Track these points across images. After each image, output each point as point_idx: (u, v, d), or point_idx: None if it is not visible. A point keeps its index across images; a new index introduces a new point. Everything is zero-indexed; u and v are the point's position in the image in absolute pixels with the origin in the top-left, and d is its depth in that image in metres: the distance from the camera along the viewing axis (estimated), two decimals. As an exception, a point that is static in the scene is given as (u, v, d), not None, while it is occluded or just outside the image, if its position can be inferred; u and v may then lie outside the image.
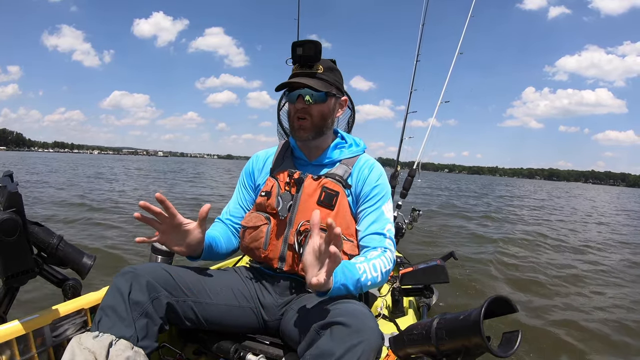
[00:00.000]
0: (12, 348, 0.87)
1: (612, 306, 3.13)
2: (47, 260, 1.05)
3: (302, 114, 1.07)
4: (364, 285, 0.91)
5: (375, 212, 1.07)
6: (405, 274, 1.53)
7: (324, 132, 1.12)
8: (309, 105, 1.06)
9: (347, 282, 0.86)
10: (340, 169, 1.11)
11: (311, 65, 1.07)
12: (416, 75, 2.94)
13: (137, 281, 0.89)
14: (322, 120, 1.09)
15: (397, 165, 2.80)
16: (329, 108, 1.10)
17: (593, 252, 5.48)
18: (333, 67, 1.11)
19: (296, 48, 1.05)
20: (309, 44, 1.04)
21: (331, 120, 1.13)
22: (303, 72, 1.07)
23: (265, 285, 1.10)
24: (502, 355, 0.66)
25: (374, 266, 0.94)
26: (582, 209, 14.30)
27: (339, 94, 1.12)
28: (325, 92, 1.07)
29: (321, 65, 1.07)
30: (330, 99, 1.10)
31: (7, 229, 0.81)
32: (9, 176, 0.93)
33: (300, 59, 1.06)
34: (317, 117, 1.08)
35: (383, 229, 1.05)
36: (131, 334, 0.83)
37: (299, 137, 1.10)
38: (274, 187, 1.09)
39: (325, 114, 1.09)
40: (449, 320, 0.73)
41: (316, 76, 1.06)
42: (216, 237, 1.10)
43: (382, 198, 1.09)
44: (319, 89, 1.04)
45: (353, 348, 0.72)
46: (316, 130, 1.09)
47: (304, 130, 1.08)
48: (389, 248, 1.03)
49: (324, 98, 1.07)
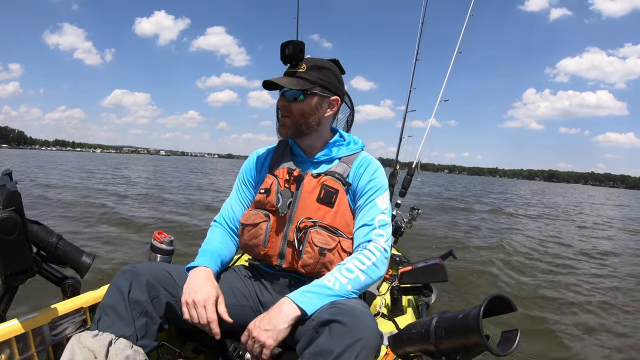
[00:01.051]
0: (11, 347, 0.87)
1: (612, 305, 3.14)
2: (47, 259, 1.05)
3: (284, 111, 1.09)
4: (345, 291, 0.91)
5: (367, 206, 1.06)
6: (404, 273, 1.53)
7: (305, 131, 1.09)
8: (289, 103, 1.07)
9: (320, 302, 0.87)
10: (340, 167, 1.11)
11: (295, 64, 1.07)
12: (415, 74, 2.94)
13: (136, 280, 0.89)
14: (302, 119, 1.07)
15: (396, 164, 2.80)
16: (310, 107, 1.07)
17: (593, 253, 5.49)
18: (320, 65, 1.09)
19: (284, 48, 1.06)
20: (291, 44, 1.05)
21: (316, 119, 1.09)
22: (287, 72, 1.08)
23: (264, 283, 1.10)
24: (501, 354, 0.66)
25: (348, 269, 0.94)
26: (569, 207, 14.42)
27: (325, 93, 1.09)
28: (302, 91, 1.05)
29: (304, 64, 1.07)
30: (312, 98, 1.07)
31: (6, 228, 0.81)
32: (8, 175, 0.93)
33: (285, 58, 1.07)
34: (297, 115, 1.07)
35: (372, 220, 1.03)
36: (131, 332, 0.83)
37: (280, 133, 1.12)
38: (274, 184, 1.09)
39: (305, 112, 1.07)
40: (448, 319, 0.73)
41: (295, 75, 1.06)
42: (220, 252, 1.09)
43: (377, 191, 1.08)
44: (292, 87, 1.04)
45: (351, 346, 0.72)
46: (295, 128, 1.08)
47: (284, 127, 1.09)
48: (373, 239, 1.01)
49: (299, 96, 1.06)
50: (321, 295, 0.88)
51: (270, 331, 0.83)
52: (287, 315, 0.84)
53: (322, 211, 1.05)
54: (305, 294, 0.88)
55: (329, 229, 1.04)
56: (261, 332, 0.84)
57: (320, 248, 1.01)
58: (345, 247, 1.04)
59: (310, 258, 1.01)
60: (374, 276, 0.97)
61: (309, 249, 1.01)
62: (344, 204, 1.07)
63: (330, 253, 1.02)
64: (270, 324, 0.84)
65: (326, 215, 1.05)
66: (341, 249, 1.03)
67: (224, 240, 1.14)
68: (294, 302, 0.86)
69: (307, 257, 1.02)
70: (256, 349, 0.85)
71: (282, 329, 0.84)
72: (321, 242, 1.01)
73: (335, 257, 1.02)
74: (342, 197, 1.07)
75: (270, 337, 0.83)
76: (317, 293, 0.88)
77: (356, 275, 0.93)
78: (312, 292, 0.88)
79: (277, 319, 0.84)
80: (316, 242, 1.01)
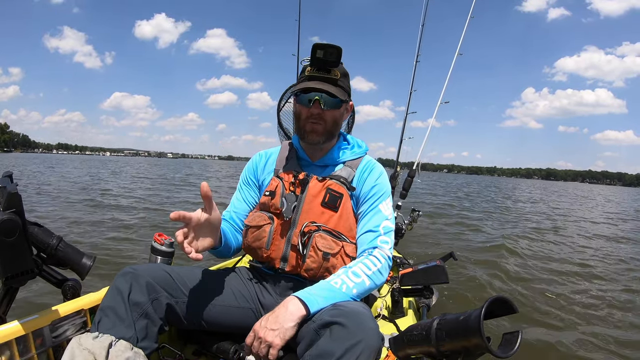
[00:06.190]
0: (11, 349, 0.86)
1: (613, 305, 3.13)
2: (47, 260, 1.05)
3: (316, 118, 1.07)
4: (350, 294, 0.91)
5: (372, 212, 1.07)
6: (405, 275, 1.52)
7: (334, 136, 1.13)
8: (323, 110, 1.06)
9: (326, 302, 0.86)
10: (345, 171, 1.11)
11: (329, 70, 1.06)
12: (416, 76, 2.95)
13: (137, 282, 0.89)
14: (334, 126, 1.10)
15: (397, 165, 2.80)
16: (341, 114, 1.11)
17: (594, 252, 5.48)
18: (346, 73, 1.11)
19: (317, 50, 1.02)
20: (331, 48, 1.01)
21: (341, 125, 1.14)
22: (321, 77, 1.06)
23: (266, 285, 1.10)
24: (502, 356, 0.65)
25: (354, 273, 0.94)
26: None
27: (349, 99, 1.13)
28: (340, 99, 1.07)
29: (338, 71, 1.07)
30: (343, 105, 1.11)
31: (6, 230, 0.81)
32: (9, 177, 0.93)
33: (319, 62, 1.04)
34: (330, 122, 1.08)
35: (378, 226, 1.04)
36: (131, 334, 0.83)
37: (310, 140, 1.09)
38: (279, 187, 1.09)
39: (337, 119, 1.10)
40: (449, 320, 0.73)
41: (337, 83, 1.06)
42: (223, 229, 1.05)
43: (381, 197, 1.09)
44: (338, 96, 1.04)
45: (352, 348, 0.72)
46: (328, 135, 1.10)
47: (317, 134, 1.08)
48: (378, 246, 1.02)
49: (339, 104, 1.08)
50: (327, 297, 0.87)
51: (277, 330, 0.82)
52: (294, 314, 0.83)
53: (327, 215, 1.05)
54: (312, 294, 0.87)
55: (332, 233, 1.04)
56: (268, 332, 0.82)
57: (324, 253, 1.01)
58: (348, 252, 1.04)
59: (314, 262, 1.01)
60: (377, 282, 0.97)
61: (312, 254, 1.01)
62: (348, 208, 1.07)
63: (334, 258, 1.02)
64: (277, 323, 0.82)
65: (330, 219, 1.05)
66: (344, 253, 1.03)
67: (228, 228, 1.12)
68: (300, 301, 0.85)
69: (311, 261, 1.01)
70: (262, 350, 0.82)
71: (289, 328, 0.82)
72: (325, 246, 1.01)
73: (339, 261, 1.02)
74: (346, 202, 1.07)
75: (277, 337, 0.81)
76: (323, 294, 0.88)
77: (362, 280, 0.93)
78: (319, 292, 0.88)
79: (284, 317, 0.83)
80: (320, 247, 1.01)
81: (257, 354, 0.84)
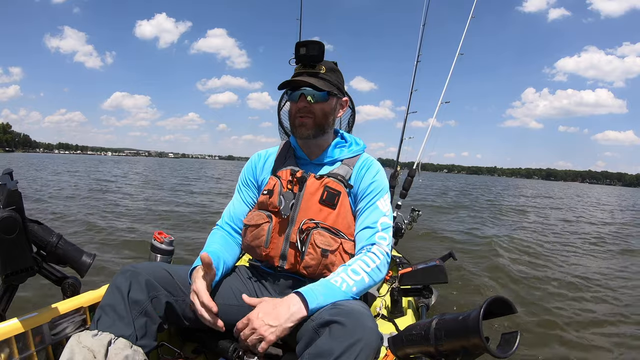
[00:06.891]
0: (11, 346, 0.86)
1: (613, 305, 3.13)
2: (47, 258, 1.05)
3: (304, 112, 1.08)
4: (350, 292, 0.91)
5: (369, 208, 1.07)
6: (405, 274, 1.52)
7: (326, 130, 1.12)
8: (310, 104, 1.07)
9: (326, 300, 0.86)
10: (342, 169, 1.12)
11: (314, 65, 1.08)
12: (417, 76, 2.94)
13: (136, 280, 0.89)
14: (324, 119, 1.10)
15: (397, 165, 2.79)
16: (331, 107, 1.11)
17: (594, 252, 5.48)
18: (334, 68, 1.12)
19: (299, 48, 1.05)
20: (313, 44, 1.05)
21: (332, 119, 1.13)
22: (306, 72, 1.08)
23: (265, 284, 1.10)
24: (501, 356, 0.66)
25: (354, 271, 0.94)
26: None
27: (340, 94, 1.13)
28: (327, 92, 1.07)
29: (323, 65, 1.08)
30: (332, 99, 1.11)
31: (6, 227, 0.81)
32: (9, 174, 0.93)
33: (304, 58, 1.07)
34: (319, 115, 1.09)
35: (375, 223, 1.05)
36: (130, 332, 0.83)
37: (300, 134, 1.10)
38: (276, 186, 1.09)
39: (327, 112, 1.10)
40: (448, 320, 0.73)
41: (319, 76, 1.07)
42: (217, 252, 1.06)
43: (378, 194, 1.09)
44: (322, 88, 1.05)
45: (351, 347, 0.72)
46: (317, 128, 1.10)
47: (305, 127, 1.08)
48: (377, 242, 1.02)
49: (325, 97, 1.08)
50: (327, 294, 0.88)
51: (275, 327, 0.83)
52: (295, 315, 0.84)
53: (325, 213, 1.05)
54: (313, 291, 0.87)
55: (331, 230, 1.04)
56: (264, 326, 0.83)
57: (323, 249, 1.01)
58: (347, 249, 1.04)
59: (313, 259, 1.01)
60: (376, 279, 0.98)
61: (311, 251, 1.01)
62: (346, 205, 1.08)
63: (332, 255, 1.02)
64: (277, 321, 0.83)
65: (328, 216, 1.05)
66: (343, 250, 1.03)
67: (223, 242, 1.14)
68: (302, 300, 0.85)
69: (310, 258, 1.02)
70: (253, 339, 0.84)
71: (288, 328, 0.83)
72: (323, 243, 1.01)
73: (337, 258, 1.02)
74: (344, 199, 1.07)
75: (273, 334, 0.82)
76: (323, 292, 0.88)
77: (362, 278, 0.94)
78: (320, 291, 0.88)
79: (285, 317, 0.84)
80: (318, 244, 1.01)
81: (244, 342, 0.85)
